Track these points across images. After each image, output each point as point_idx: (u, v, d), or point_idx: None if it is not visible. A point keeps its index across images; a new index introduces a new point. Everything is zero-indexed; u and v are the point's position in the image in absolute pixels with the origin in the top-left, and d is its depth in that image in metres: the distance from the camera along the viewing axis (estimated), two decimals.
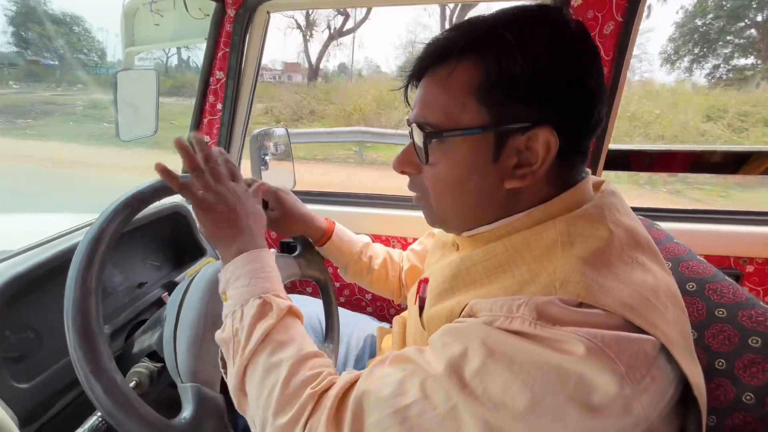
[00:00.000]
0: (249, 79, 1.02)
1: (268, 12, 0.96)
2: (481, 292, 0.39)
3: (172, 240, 0.85)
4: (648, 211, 1.04)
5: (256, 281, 0.45)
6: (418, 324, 0.47)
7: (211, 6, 0.94)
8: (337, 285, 1.15)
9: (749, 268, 0.95)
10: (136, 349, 0.59)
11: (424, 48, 0.41)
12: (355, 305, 1.15)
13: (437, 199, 0.43)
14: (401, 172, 0.46)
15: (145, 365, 0.54)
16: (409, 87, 0.44)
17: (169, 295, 0.74)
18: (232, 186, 0.51)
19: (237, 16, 0.92)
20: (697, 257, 0.55)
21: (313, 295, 1.12)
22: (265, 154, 1.03)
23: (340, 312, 0.86)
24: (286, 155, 1.19)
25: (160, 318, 0.59)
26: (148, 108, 1.10)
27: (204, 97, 1.01)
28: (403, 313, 0.66)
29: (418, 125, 0.40)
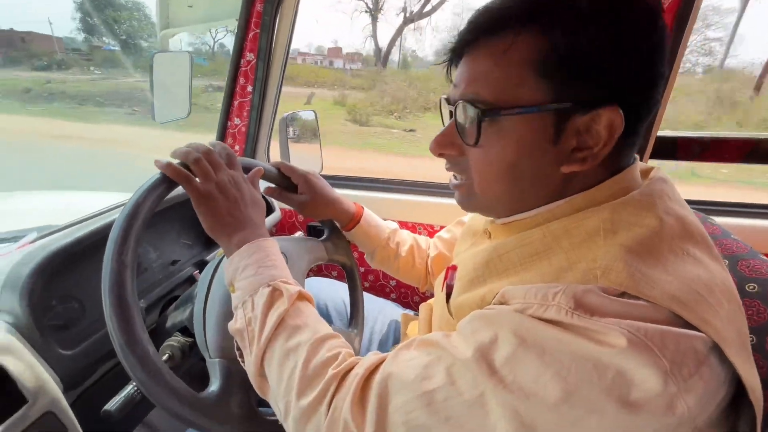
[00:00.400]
0: (279, 61, 1.01)
1: None
2: (514, 280, 0.37)
3: None
4: (701, 204, 0.96)
5: (263, 270, 0.45)
6: (445, 311, 0.46)
7: None
8: (361, 270, 1.15)
9: None
10: (169, 324, 0.62)
11: (473, 17, 0.38)
12: (379, 291, 1.15)
13: (483, 183, 0.40)
14: (439, 155, 0.43)
15: (177, 339, 0.56)
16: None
17: (200, 273, 0.77)
18: (230, 174, 0.50)
19: None
20: (760, 256, 0.50)
21: (338, 278, 1.13)
22: (293, 137, 1.03)
23: (365, 297, 0.85)
24: (314, 138, 1.19)
25: (191, 295, 0.61)
26: (182, 90, 1.12)
27: (234, 80, 1.02)
28: (429, 300, 0.65)
29: (470, 102, 0.37)
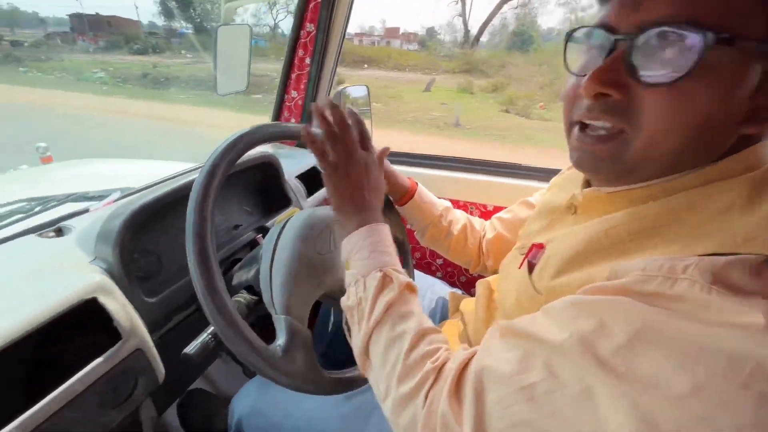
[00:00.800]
0: (337, 33, 1.00)
1: None
2: (626, 258, 0.33)
3: (263, 188, 0.91)
4: None
5: (376, 254, 0.46)
6: (527, 288, 0.44)
7: None
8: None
9: None
10: (235, 282, 0.65)
11: None
12: (425, 269, 1.15)
13: (655, 136, 0.33)
14: (594, 96, 0.34)
15: (243, 296, 0.59)
16: None
17: (263, 237, 0.80)
18: (363, 157, 0.51)
19: None
20: None
21: None
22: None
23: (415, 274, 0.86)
24: (365, 114, 1.19)
25: (256, 256, 0.64)
26: (241, 63, 1.15)
27: (293, 52, 1.03)
28: (488, 278, 0.63)
29: (690, 27, 0.29)
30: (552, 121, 8.12)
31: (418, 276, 0.91)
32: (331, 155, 0.50)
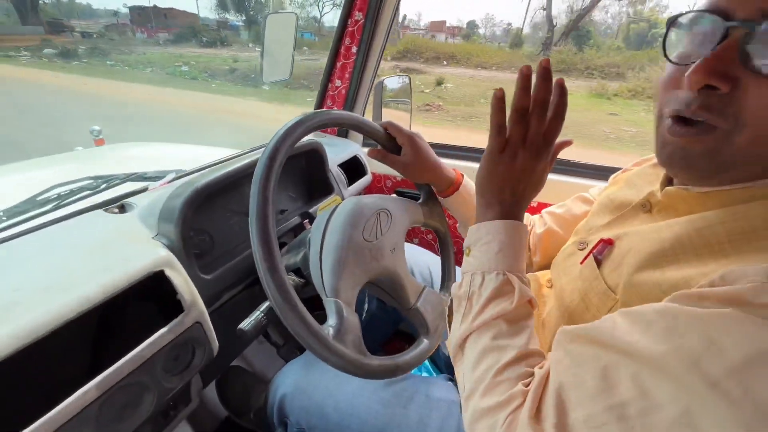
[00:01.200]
0: (385, 22, 1.00)
1: None
2: (725, 261, 0.31)
3: (307, 175, 0.93)
4: None
5: (505, 254, 0.43)
6: (596, 284, 0.42)
7: None
8: None
9: None
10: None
11: None
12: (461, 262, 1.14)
13: (760, 132, 0.31)
14: (698, 89, 0.32)
15: (292, 279, 0.61)
16: None
17: (309, 223, 0.82)
18: (537, 147, 0.44)
19: None
20: None
21: (419, 245, 1.14)
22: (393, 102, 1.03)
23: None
24: (406, 105, 1.18)
25: (303, 241, 0.66)
26: (287, 52, 1.17)
27: (340, 40, 1.03)
28: (536, 273, 0.62)
29: None
30: None
31: (458, 271, 0.90)
32: (509, 129, 0.44)
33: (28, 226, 0.56)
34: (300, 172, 0.92)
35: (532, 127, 0.43)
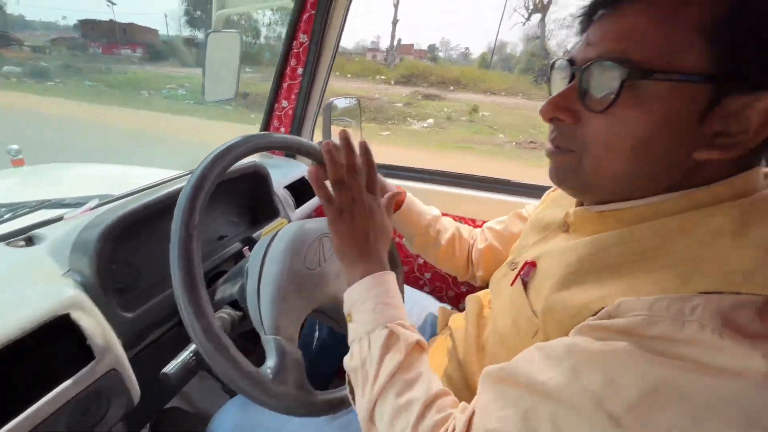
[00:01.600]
0: (330, 45, 1.00)
1: None
2: (621, 283, 0.33)
3: (250, 198, 0.89)
4: None
5: (382, 307, 0.44)
6: (523, 307, 0.43)
7: None
8: None
9: None
10: (218, 297, 0.63)
11: None
12: (413, 283, 1.14)
13: (599, 157, 0.36)
14: (549, 120, 0.39)
15: (227, 312, 0.57)
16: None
17: (249, 250, 0.78)
18: (368, 202, 0.49)
19: None
20: None
21: None
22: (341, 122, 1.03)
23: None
24: (356, 125, 1.19)
25: (242, 270, 0.62)
26: (231, 71, 1.14)
27: (286, 61, 1.02)
28: (479, 293, 0.63)
29: (615, 61, 0.32)
30: None
31: (407, 290, 0.90)
32: (336, 199, 0.48)
33: None
34: (242, 195, 0.88)
35: (353, 188, 0.48)
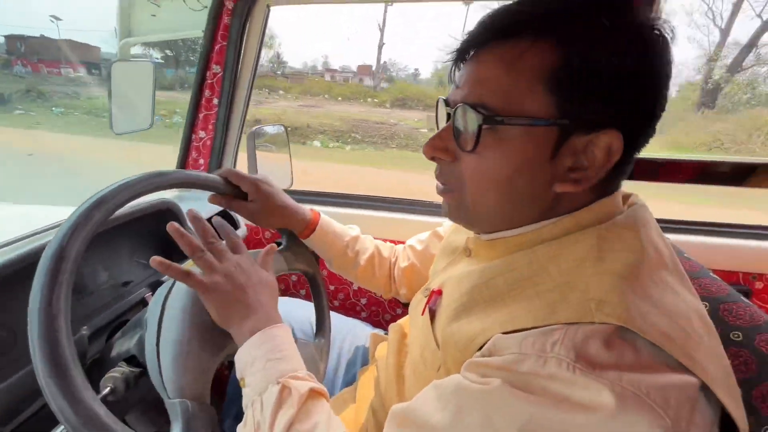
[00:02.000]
0: (247, 75, 0.99)
1: (268, 6, 0.94)
2: (503, 313, 0.35)
3: (161, 237, 0.82)
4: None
5: (272, 364, 0.42)
6: (430, 339, 0.44)
7: None
8: (331, 288, 1.13)
9: (758, 285, 0.91)
10: (114, 353, 0.56)
11: (486, 18, 0.36)
12: (349, 309, 1.12)
13: (474, 193, 0.39)
14: (431, 158, 0.41)
15: (121, 370, 0.51)
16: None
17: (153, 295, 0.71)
18: (235, 260, 0.48)
19: (235, 9, 0.90)
20: (710, 274, 0.52)
21: (306, 297, 1.09)
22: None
23: (334, 317, 0.82)
24: (284, 152, 1.17)
25: (140, 320, 0.56)
26: (144, 101, 1.08)
27: (200, 92, 0.99)
28: (400, 321, 0.63)
29: (472, 106, 0.35)
30: None
31: (339, 319, 0.88)
32: (199, 274, 0.46)
33: None
34: (152, 233, 0.81)
35: (215, 254, 0.48)
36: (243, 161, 1.06)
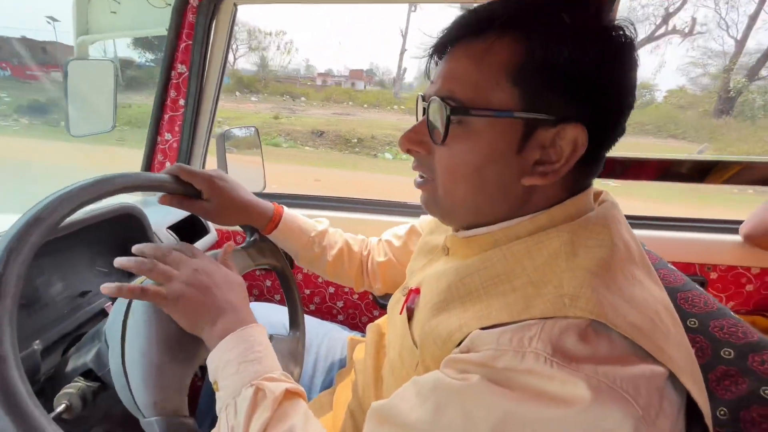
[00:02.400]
0: (214, 75, 0.96)
1: (235, 4, 0.91)
2: (479, 308, 0.35)
3: (124, 243, 0.78)
4: None
5: (246, 366, 0.41)
6: (407, 338, 0.43)
7: None
8: (307, 292, 1.11)
9: (713, 275, 0.97)
10: (69, 368, 0.53)
11: (459, 17, 0.37)
12: (325, 313, 1.11)
13: (447, 185, 0.40)
14: (407, 151, 0.42)
15: (77, 386, 0.48)
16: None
17: (113, 305, 0.67)
18: (193, 264, 0.47)
19: (201, 7, 0.87)
20: (668, 265, 0.55)
21: (281, 303, 1.07)
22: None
23: (310, 321, 0.81)
24: (255, 154, 1.14)
25: (98, 332, 0.53)
26: (105, 102, 1.02)
27: (165, 92, 0.95)
28: (378, 321, 0.62)
29: (443, 99, 0.36)
30: None
31: (315, 323, 0.86)
32: (157, 287, 0.44)
33: None
34: (114, 240, 0.77)
35: (168, 262, 0.46)
36: (213, 165, 1.02)
